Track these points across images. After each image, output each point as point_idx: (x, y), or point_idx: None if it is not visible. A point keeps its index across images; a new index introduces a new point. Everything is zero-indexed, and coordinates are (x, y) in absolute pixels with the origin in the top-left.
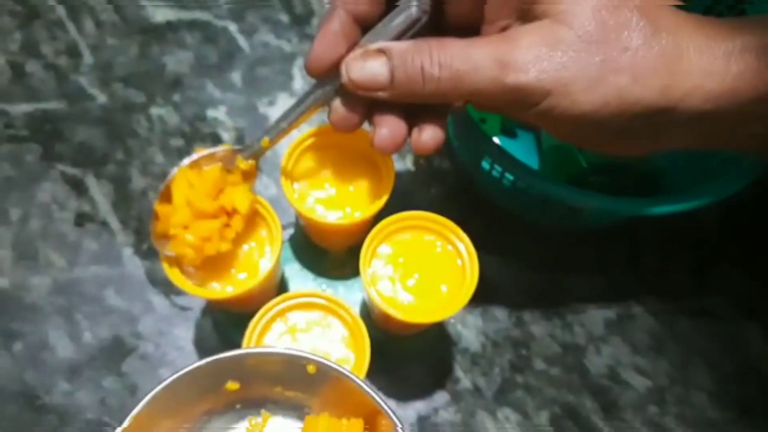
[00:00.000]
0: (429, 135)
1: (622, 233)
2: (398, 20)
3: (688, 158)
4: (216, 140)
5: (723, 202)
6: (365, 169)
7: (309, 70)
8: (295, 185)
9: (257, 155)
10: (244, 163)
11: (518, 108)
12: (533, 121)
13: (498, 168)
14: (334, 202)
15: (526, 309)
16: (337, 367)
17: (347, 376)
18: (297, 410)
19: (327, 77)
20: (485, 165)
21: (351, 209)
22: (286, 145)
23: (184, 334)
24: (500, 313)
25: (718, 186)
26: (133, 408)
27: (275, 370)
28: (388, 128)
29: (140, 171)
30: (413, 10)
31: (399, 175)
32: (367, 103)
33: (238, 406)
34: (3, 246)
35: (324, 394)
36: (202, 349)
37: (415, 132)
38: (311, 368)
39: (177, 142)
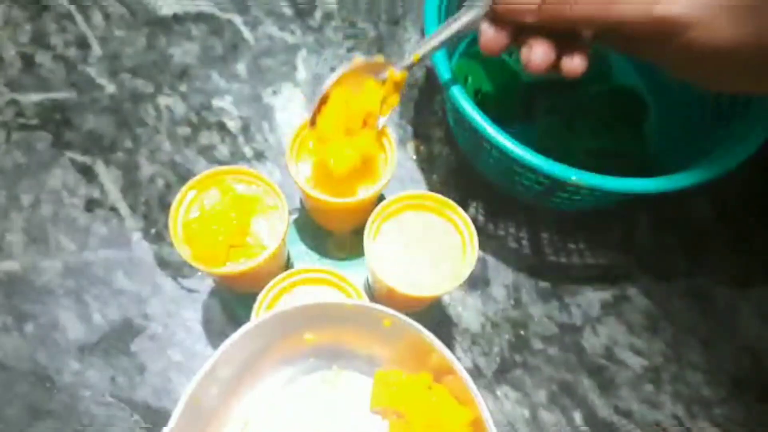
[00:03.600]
0: (579, 61)
1: (617, 217)
2: None
3: (682, 141)
4: (222, 129)
5: (714, 181)
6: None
7: None
8: (301, 168)
9: (408, 68)
10: (396, 75)
11: (658, 40)
12: (663, 58)
13: (495, 147)
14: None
15: (524, 290)
16: (412, 323)
17: (422, 333)
18: (367, 365)
19: (471, 5)
20: (484, 147)
21: (354, 191)
22: (291, 130)
23: (192, 315)
24: (499, 295)
25: (709, 165)
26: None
27: (352, 323)
28: (541, 49)
29: (148, 158)
30: None
31: (401, 163)
32: (515, 28)
33: (311, 359)
34: (15, 230)
35: (396, 350)
36: (210, 330)
37: (566, 58)
38: (387, 322)
39: (184, 130)
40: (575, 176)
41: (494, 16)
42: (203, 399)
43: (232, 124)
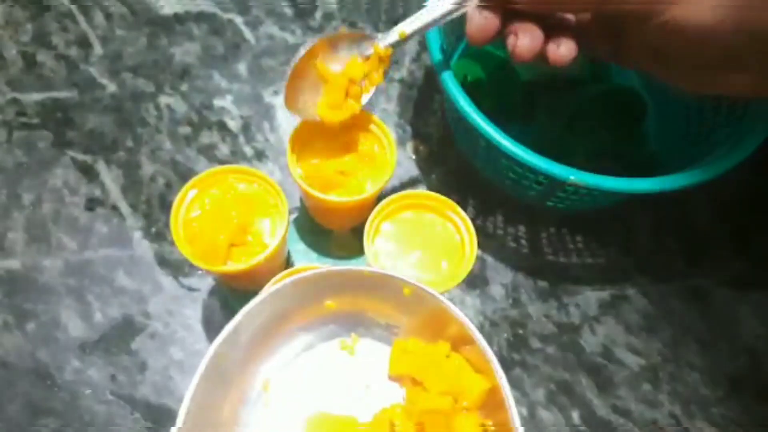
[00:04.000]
0: (565, 48)
1: (616, 217)
2: None
3: (681, 141)
4: (222, 128)
5: (713, 181)
6: (366, 150)
7: None
8: (299, 169)
9: (393, 45)
10: (381, 50)
11: (641, 17)
12: (644, 39)
13: (493, 147)
14: (337, 182)
15: (522, 290)
16: (432, 292)
17: (443, 302)
18: (386, 333)
19: None
20: (482, 146)
21: (354, 190)
22: (290, 129)
23: (193, 313)
24: (498, 294)
25: (708, 166)
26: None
27: (372, 290)
28: (528, 36)
29: (149, 157)
30: None
31: (400, 163)
32: (502, 15)
33: (331, 326)
34: (16, 229)
35: (415, 318)
36: (210, 328)
37: (551, 45)
38: (407, 290)
39: (184, 129)
40: (574, 176)
41: (482, 2)
42: (223, 364)
43: (233, 124)
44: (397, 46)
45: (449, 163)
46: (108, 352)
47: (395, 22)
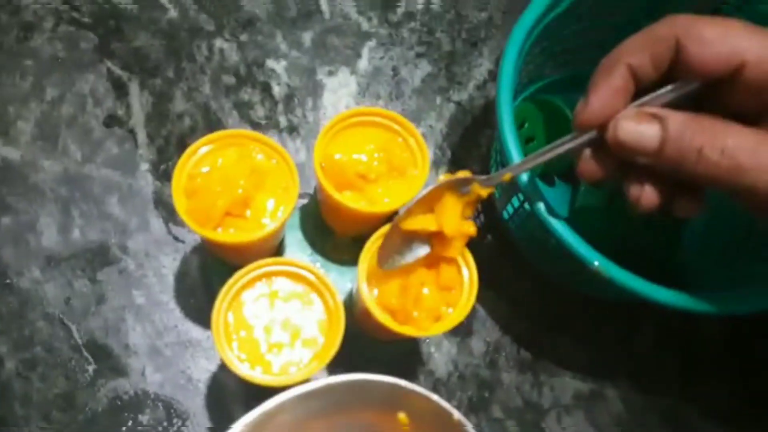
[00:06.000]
0: (693, 206)
1: (621, 311)
2: (674, 91)
3: (716, 262)
4: (266, 90)
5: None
6: (399, 163)
7: (581, 123)
8: (323, 163)
9: (495, 185)
10: (482, 190)
11: None
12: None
13: (526, 199)
14: (356, 185)
15: (503, 354)
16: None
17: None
18: None
19: (579, 134)
20: (516, 196)
21: (371, 199)
22: (333, 114)
23: (169, 263)
24: (477, 349)
25: (737, 299)
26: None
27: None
28: (654, 191)
29: (184, 94)
30: (693, 86)
31: (428, 185)
32: (618, 161)
33: None
34: (28, 120)
35: None
36: (181, 284)
37: (679, 200)
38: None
39: (229, 79)
40: (598, 262)
41: (600, 146)
42: None
43: (278, 90)
44: (498, 185)
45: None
46: (72, 273)
47: (473, 44)
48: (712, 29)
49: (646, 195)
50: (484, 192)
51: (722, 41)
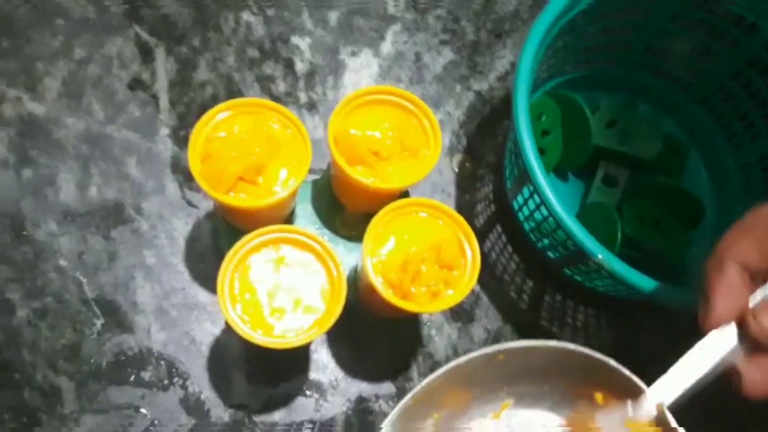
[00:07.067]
0: None
1: (625, 317)
2: None
3: None
4: (288, 66)
5: None
6: (411, 143)
7: (710, 324)
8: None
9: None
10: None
11: None
12: None
13: (537, 192)
14: (368, 161)
15: (505, 341)
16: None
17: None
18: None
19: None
20: (527, 187)
21: (382, 176)
22: (345, 92)
23: (182, 226)
24: (477, 336)
25: None
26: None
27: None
28: None
29: (208, 64)
30: None
31: (440, 169)
32: None
33: None
34: (55, 77)
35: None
36: (192, 247)
37: None
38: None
39: (253, 52)
40: (602, 255)
41: (754, 352)
42: None
43: (300, 66)
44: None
45: (487, 190)
46: (87, 229)
47: (497, 35)
48: None
49: None
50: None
51: None
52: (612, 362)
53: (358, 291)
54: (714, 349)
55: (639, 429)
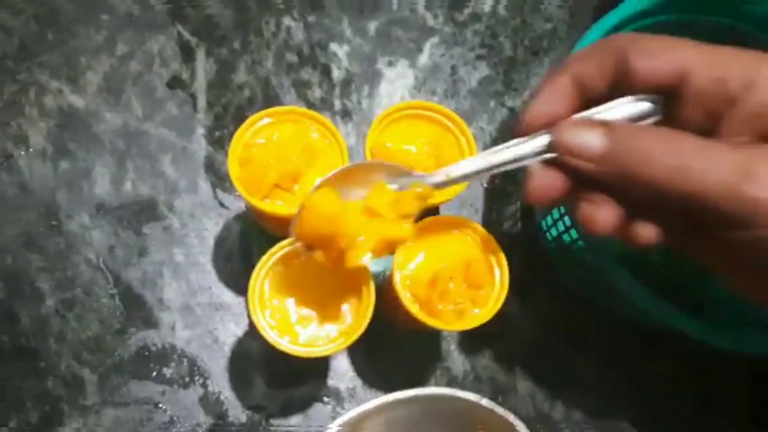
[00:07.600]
0: (651, 230)
1: (647, 334)
2: (626, 109)
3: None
4: (325, 72)
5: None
6: (447, 159)
7: (524, 124)
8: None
9: (439, 186)
10: (423, 192)
11: (735, 225)
12: (729, 250)
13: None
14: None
15: (522, 361)
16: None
17: None
18: None
19: (532, 136)
20: (565, 237)
21: None
22: (388, 103)
23: (212, 226)
24: (497, 354)
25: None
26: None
27: None
28: (610, 208)
29: (247, 66)
30: (646, 106)
31: (469, 186)
32: (569, 180)
33: None
34: (97, 72)
35: None
36: (220, 247)
37: (638, 223)
38: None
39: (291, 57)
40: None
41: (548, 162)
42: None
43: (337, 74)
44: (441, 187)
45: (513, 208)
46: (119, 224)
47: (535, 53)
48: (657, 42)
49: (601, 215)
50: (425, 193)
51: (666, 52)
52: (484, 401)
53: (383, 301)
54: (517, 147)
55: None
